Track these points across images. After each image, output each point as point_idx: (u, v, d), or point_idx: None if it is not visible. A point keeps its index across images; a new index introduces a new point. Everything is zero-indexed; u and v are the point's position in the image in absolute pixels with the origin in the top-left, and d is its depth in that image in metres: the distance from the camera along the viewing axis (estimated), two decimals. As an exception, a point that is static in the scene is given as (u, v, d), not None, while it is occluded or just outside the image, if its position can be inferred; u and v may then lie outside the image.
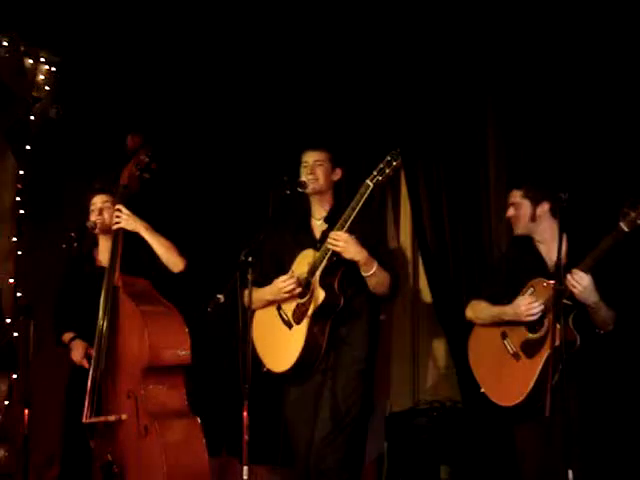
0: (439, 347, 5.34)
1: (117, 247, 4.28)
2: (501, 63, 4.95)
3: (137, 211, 4.35)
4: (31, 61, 5.64)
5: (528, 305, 3.86)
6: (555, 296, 3.61)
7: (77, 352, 4.35)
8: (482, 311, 4.11)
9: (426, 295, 5.37)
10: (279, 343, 4.13)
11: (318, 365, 4.06)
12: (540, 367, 3.80)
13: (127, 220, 4.30)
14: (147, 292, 4.33)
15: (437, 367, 5.39)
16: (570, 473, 3.36)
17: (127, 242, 4.33)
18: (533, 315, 3.86)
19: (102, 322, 4.17)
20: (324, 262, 4.00)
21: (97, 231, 4.48)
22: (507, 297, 4.00)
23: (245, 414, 3.61)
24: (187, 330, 4.21)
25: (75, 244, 4.44)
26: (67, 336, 4.45)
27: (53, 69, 5.71)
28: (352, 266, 4.02)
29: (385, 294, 4.16)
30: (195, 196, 5.83)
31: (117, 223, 4.31)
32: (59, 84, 5.73)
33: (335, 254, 3.98)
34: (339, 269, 4.03)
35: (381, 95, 5.36)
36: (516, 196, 4.06)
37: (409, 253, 5.47)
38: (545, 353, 3.79)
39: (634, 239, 3.65)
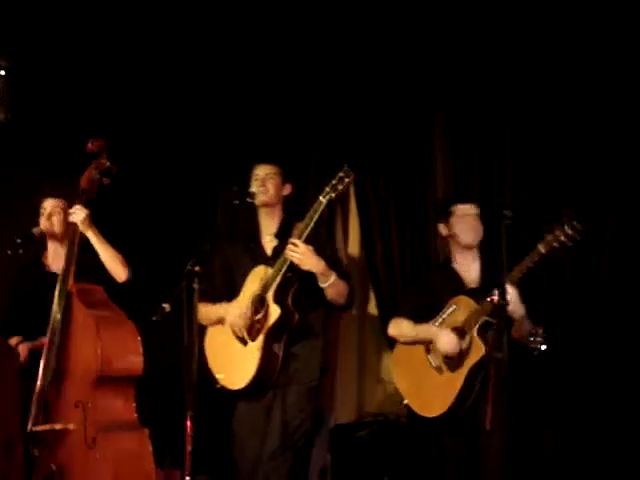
0: (386, 361, 5.37)
1: (73, 252, 4.16)
2: (449, 82, 5.05)
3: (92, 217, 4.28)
4: (-20, 65, 5.61)
5: (449, 343, 3.97)
6: (497, 310, 3.70)
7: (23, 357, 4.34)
8: (404, 329, 4.22)
9: (373, 309, 5.42)
10: (234, 360, 4.07)
11: (274, 381, 4.03)
12: (462, 380, 3.92)
13: (83, 219, 4.19)
14: (101, 300, 4.22)
15: (383, 381, 5.42)
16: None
17: (81, 249, 4.24)
18: (447, 352, 3.97)
19: (54, 329, 4.06)
20: (278, 278, 3.97)
21: (46, 235, 4.43)
22: (428, 314, 4.11)
23: (189, 424, 3.57)
24: (140, 340, 4.12)
25: (21, 250, 4.39)
26: (14, 340, 4.41)
27: (2, 73, 5.65)
28: (306, 282, 4.00)
29: (342, 304, 4.15)
30: (143, 204, 5.81)
31: (72, 216, 4.21)
32: (9, 88, 5.68)
33: (289, 270, 3.96)
34: (293, 285, 4.00)
35: (330, 111, 5.42)
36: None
37: (357, 267, 5.50)
38: (466, 367, 3.93)
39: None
